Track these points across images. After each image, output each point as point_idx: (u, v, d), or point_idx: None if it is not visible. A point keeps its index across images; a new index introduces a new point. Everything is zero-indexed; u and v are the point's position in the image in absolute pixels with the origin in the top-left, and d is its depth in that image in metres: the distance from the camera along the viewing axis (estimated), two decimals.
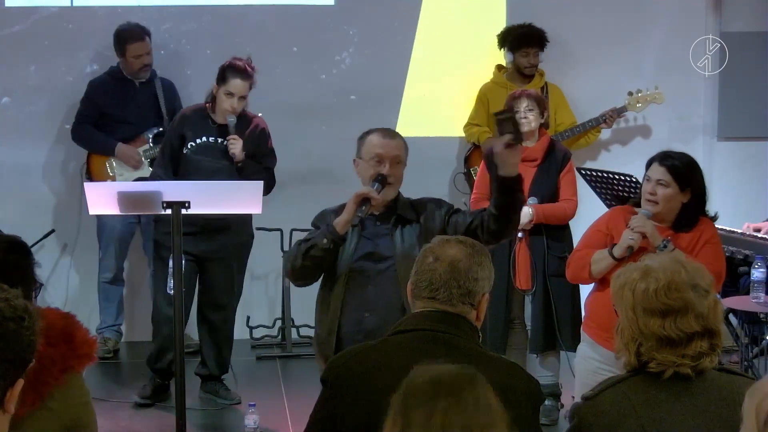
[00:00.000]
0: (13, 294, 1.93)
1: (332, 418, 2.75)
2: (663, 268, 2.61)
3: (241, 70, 5.73)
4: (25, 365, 1.93)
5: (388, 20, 7.21)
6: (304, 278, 4.07)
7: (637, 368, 2.62)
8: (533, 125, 5.62)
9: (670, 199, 4.18)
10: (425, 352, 2.58)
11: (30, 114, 7.02)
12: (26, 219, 6.77)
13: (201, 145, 5.74)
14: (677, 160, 4.24)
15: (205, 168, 5.67)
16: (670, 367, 2.57)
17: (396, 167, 4.01)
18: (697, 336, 2.57)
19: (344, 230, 3.92)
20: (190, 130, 5.75)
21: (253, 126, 5.83)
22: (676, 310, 2.57)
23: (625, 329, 2.62)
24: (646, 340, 2.58)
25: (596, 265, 4.23)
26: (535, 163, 5.60)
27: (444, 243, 2.87)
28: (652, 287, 2.58)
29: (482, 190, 5.60)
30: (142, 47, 6.59)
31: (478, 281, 2.82)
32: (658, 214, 4.22)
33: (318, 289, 4.10)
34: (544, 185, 5.59)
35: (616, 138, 7.30)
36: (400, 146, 4.06)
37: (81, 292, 7.01)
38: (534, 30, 6.91)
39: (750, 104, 7.29)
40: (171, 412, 5.15)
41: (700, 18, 7.29)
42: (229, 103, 5.68)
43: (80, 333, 2.69)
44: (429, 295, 2.80)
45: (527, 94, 5.72)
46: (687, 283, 2.59)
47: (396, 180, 4.01)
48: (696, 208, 4.26)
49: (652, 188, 4.19)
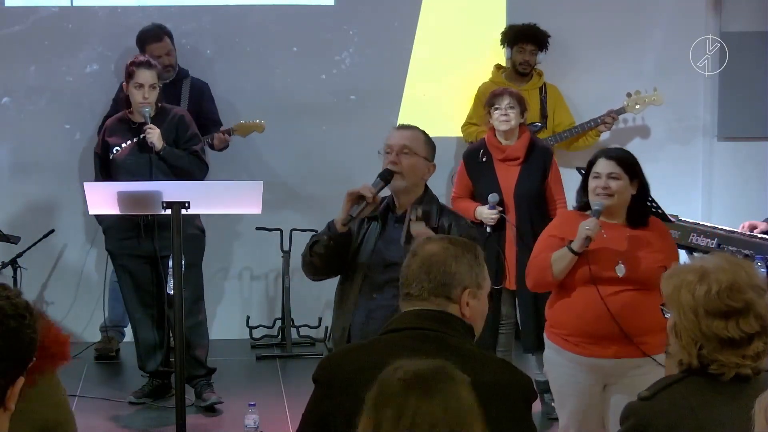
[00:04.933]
0: (15, 292, 1.94)
1: (324, 417, 2.75)
2: (722, 268, 2.60)
3: (143, 61, 5.74)
4: (26, 363, 1.94)
5: (388, 20, 7.21)
6: (314, 273, 4.06)
7: (694, 369, 2.61)
8: (513, 123, 5.59)
9: (623, 190, 4.24)
10: (416, 351, 2.58)
11: (30, 114, 7.03)
12: (26, 219, 6.78)
13: (124, 147, 5.75)
14: (621, 152, 4.36)
15: (129, 166, 5.68)
16: (732, 369, 2.57)
17: (404, 157, 3.97)
18: (756, 336, 2.58)
19: (343, 228, 3.90)
20: (110, 136, 5.78)
21: (171, 115, 5.82)
22: (738, 311, 2.56)
23: (683, 331, 2.60)
24: (707, 341, 2.57)
25: (557, 265, 4.23)
26: (517, 162, 5.60)
27: (428, 241, 2.88)
28: (714, 289, 2.57)
29: (459, 191, 5.72)
30: (161, 48, 6.59)
31: (453, 274, 2.77)
32: (611, 210, 4.25)
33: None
34: (528, 184, 5.57)
35: (616, 139, 7.29)
36: (411, 137, 4.03)
37: (81, 292, 7.01)
38: (534, 28, 6.92)
39: (750, 104, 7.28)
40: (171, 412, 5.15)
41: (700, 18, 7.29)
42: (140, 94, 5.67)
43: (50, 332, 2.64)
44: (404, 291, 2.80)
45: (509, 92, 5.71)
46: (748, 284, 2.59)
47: (405, 170, 3.96)
48: (643, 198, 4.33)
49: (604, 183, 4.23)
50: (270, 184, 5.87)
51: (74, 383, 5.99)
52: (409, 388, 2.16)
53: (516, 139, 5.64)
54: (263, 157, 7.00)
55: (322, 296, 7.05)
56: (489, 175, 5.61)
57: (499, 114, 5.58)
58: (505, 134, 5.62)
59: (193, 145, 5.83)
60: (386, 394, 2.18)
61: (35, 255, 6.59)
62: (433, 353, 2.46)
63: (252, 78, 7.10)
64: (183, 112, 5.91)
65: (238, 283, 7.06)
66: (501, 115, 5.57)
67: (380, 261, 3.93)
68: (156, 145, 5.62)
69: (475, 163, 5.68)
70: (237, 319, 7.07)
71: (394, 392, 2.17)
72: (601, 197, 4.23)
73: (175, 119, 5.81)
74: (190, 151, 5.79)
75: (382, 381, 2.21)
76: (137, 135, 5.71)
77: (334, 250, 3.92)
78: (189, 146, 5.80)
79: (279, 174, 6.77)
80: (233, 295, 7.18)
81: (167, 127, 5.76)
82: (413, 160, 3.99)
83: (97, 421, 5.64)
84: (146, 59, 5.78)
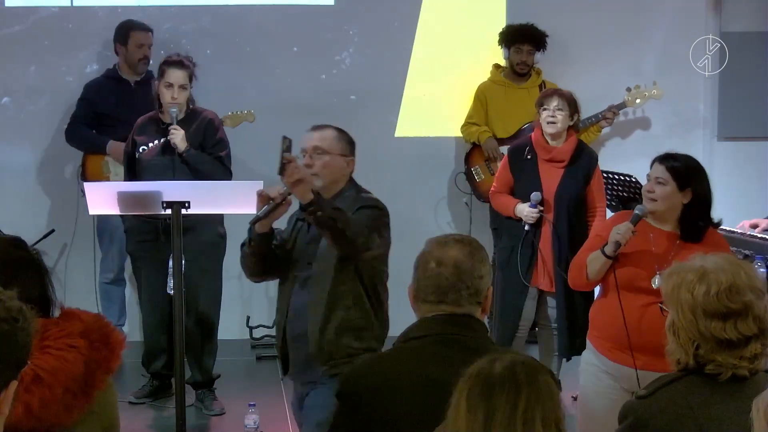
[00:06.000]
0: (8, 295, 1.91)
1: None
2: (722, 269, 2.60)
3: (176, 61, 5.74)
4: (20, 367, 1.91)
5: (388, 20, 7.22)
6: (249, 274, 4.10)
7: (692, 369, 2.61)
8: (560, 126, 5.50)
9: (668, 197, 4.15)
10: (439, 357, 2.58)
11: (30, 114, 7.03)
12: (26, 219, 6.78)
13: (151, 147, 5.75)
14: (678, 161, 4.22)
15: (153, 166, 5.67)
16: (728, 369, 2.57)
17: (317, 157, 3.95)
18: (753, 338, 2.58)
19: (261, 228, 3.89)
20: (140, 135, 5.79)
21: (201, 118, 5.80)
22: (737, 313, 2.57)
23: (681, 330, 2.60)
24: (705, 341, 2.57)
25: (591, 266, 4.20)
26: (562, 164, 5.52)
27: (442, 245, 2.86)
28: (714, 289, 2.57)
29: (499, 185, 5.66)
30: (146, 38, 6.65)
31: (483, 278, 2.82)
32: (659, 215, 4.20)
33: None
34: (570, 187, 5.48)
35: (616, 138, 7.30)
36: (321, 137, 4.01)
37: (81, 292, 7.00)
38: (531, 28, 6.91)
39: (750, 104, 7.28)
40: (171, 412, 5.15)
41: (700, 18, 7.29)
42: (169, 94, 5.68)
43: (114, 334, 2.71)
44: (437, 299, 2.80)
45: (559, 93, 5.60)
46: (747, 286, 2.59)
47: (319, 170, 3.94)
48: (699, 212, 4.19)
49: (650, 186, 4.18)
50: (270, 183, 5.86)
51: None
52: (516, 376, 2.20)
53: (563, 141, 5.56)
54: (263, 157, 6.99)
55: None
56: (532, 174, 5.53)
57: (547, 115, 5.50)
58: (553, 136, 5.53)
59: (219, 151, 5.78)
60: (493, 384, 2.20)
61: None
62: (457, 357, 2.47)
63: (252, 78, 7.10)
64: (212, 116, 5.86)
65: (238, 283, 7.04)
66: (549, 116, 5.50)
67: (304, 259, 3.95)
68: (179, 147, 5.61)
69: (519, 160, 5.59)
70: (237, 319, 7.06)
71: (502, 381, 2.19)
72: (648, 201, 4.18)
73: (204, 122, 5.78)
74: (215, 156, 5.75)
75: (482, 374, 2.23)
76: (164, 135, 5.69)
77: (258, 250, 3.93)
78: (215, 151, 5.76)
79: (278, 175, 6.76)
80: (233, 295, 7.17)
81: (195, 130, 5.73)
82: (326, 159, 3.96)
83: None
84: (179, 59, 5.76)
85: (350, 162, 4.05)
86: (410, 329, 2.84)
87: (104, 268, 6.82)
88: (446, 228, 7.11)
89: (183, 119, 5.72)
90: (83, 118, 6.60)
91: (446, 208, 7.32)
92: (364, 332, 3.86)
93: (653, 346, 4.00)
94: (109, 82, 6.64)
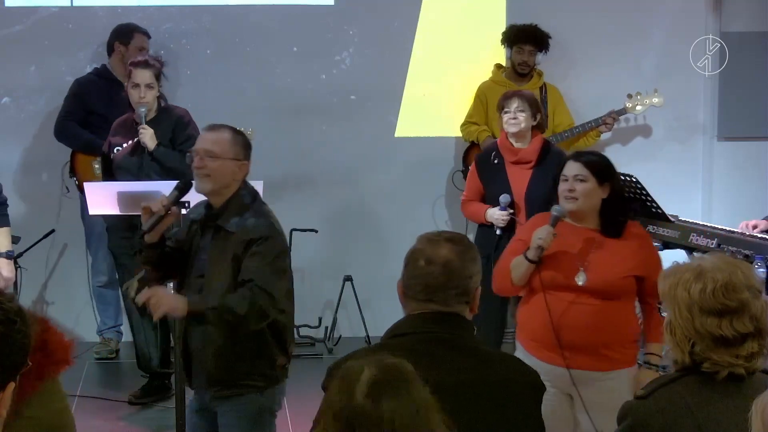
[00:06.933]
0: (7, 297, 1.91)
1: None
2: (718, 268, 2.61)
3: (141, 61, 5.77)
4: (18, 369, 1.90)
5: (388, 20, 7.21)
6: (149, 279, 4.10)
7: (689, 368, 2.62)
8: (523, 126, 5.50)
9: (589, 193, 4.13)
10: (424, 354, 2.58)
11: (30, 114, 7.03)
12: (26, 219, 6.78)
13: (124, 147, 5.78)
14: (593, 155, 4.26)
15: (126, 165, 5.71)
16: (725, 368, 2.58)
17: (208, 161, 3.90)
18: (750, 337, 2.58)
19: (150, 239, 3.89)
20: (114, 136, 5.83)
21: (171, 115, 5.84)
22: (733, 311, 2.57)
23: (677, 328, 2.61)
24: (701, 339, 2.58)
25: (515, 271, 4.17)
26: (529, 165, 5.52)
27: (433, 243, 2.85)
28: (710, 287, 2.58)
29: (469, 193, 5.67)
30: (146, 42, 6.67)
31: (472, 278, 2.82)
32: (580, 214, 4.17)
33: None
34: (540, 188, 5.42)
35: (616, 139, 7.30)
36: (214, 140, 3.95)
37: (81, 291, 7.00)
38: (534, 29, 6.91)
39: (750, 104, 7.28)
40: (171, 412, 5.15)
41: (700, 18, 7.29)
42: (137, 94, 5.71)
43: (55, 338, 2.61)
44: (425, 297, 2.80)
45: (519, 94, 5.62)
46: (744, 284, 2.60)
47: (213, 173, 3.90)
48: (618, 206, 4.19)
49: (570, 185, 4.14)
50: (270, 183, 5.87)
51: (74, 383, 5.98)
52: (366, 397, 2.18)
53: (528, 142, 5.56)
54: (263, 157, 6.99)
55: (321, 296, 7.05)
56: (500, 177, 5.54)
57: (508, 117, 5.51)
58: (516, 136, 5.53)
59: (189, 147, 5.79)
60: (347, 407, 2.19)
61: (35, 255, 6.59)
62: (442, 355, 2.46)
63: (252, 78, 7.10)
64: (183, 113, 5.90)
65: None
66: (510, 118, 5.50)
67: (198, 269, 3.94)
68: (148, 146, 5.64)
69: (486, 165, 5.60)
70: None
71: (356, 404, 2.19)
72: (568, 201, 4.15)
73: (172, 119, 5.82)
74: (184, 153, 5.76)
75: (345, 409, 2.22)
76: (137, 135, 5.73)
77: (149, 260, 3.95)
78: (184, 147, 5.72)
79: (279, 174, 6.75)
80: None
81: (165, 128, 5.77)
82: (217, 163, 3.91)
83: (97, 421, 5.64)
84: (144, 59, 5.80)
85: (242, 166, 3.98)
86: (397, 326, 2.85)
87: (96, 272, 6.82)
88: (444, 227, 7.10)
89: (154, 118, 5.76)
90: (74, 114, 6.60)
91: (443, 207, 7.32)
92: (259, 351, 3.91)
93: (579, 343, 4.05)
94: (100, 81, 6.63)
